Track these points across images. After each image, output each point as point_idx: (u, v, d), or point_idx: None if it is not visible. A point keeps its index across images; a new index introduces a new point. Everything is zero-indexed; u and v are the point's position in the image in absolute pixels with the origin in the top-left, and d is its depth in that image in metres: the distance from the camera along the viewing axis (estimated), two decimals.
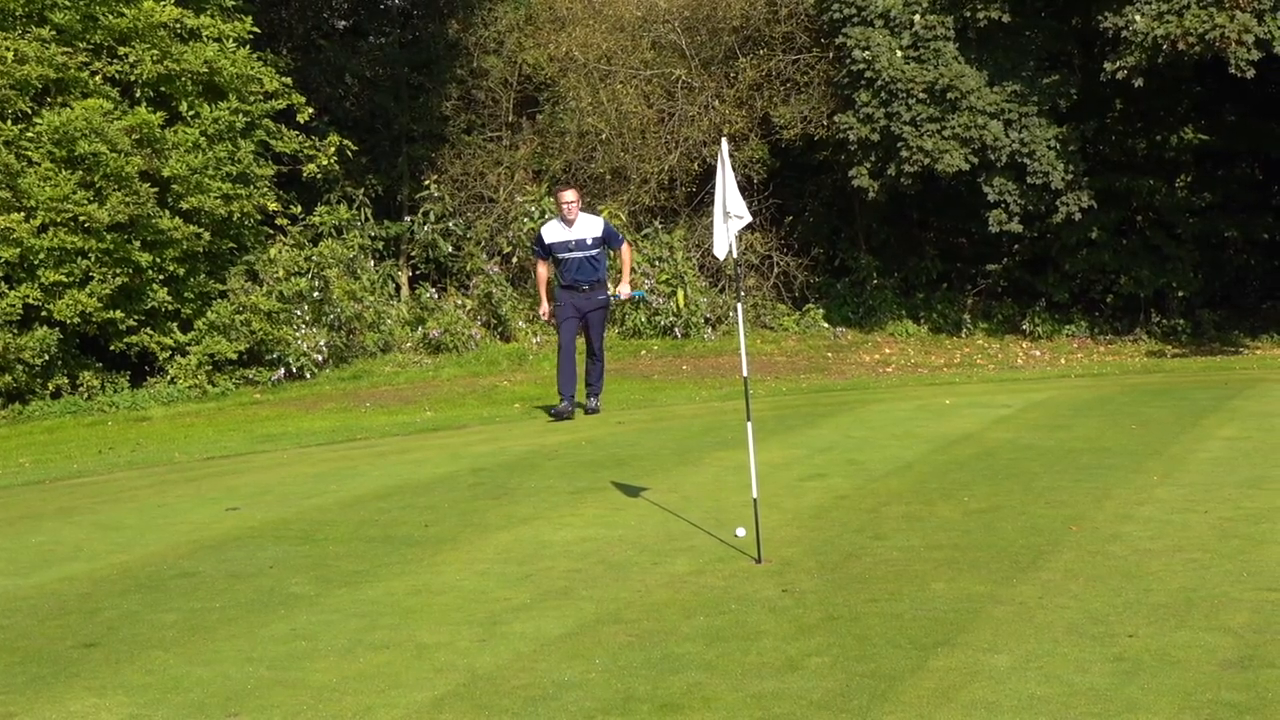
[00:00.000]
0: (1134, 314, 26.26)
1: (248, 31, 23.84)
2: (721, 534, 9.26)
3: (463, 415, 18.21)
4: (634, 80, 27.97)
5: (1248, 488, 10.09)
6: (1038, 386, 17.97)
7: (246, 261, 23.92)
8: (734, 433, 12.82)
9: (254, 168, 23.32)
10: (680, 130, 27.71)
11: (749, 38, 28.00)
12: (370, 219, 26.90)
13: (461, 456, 13.77)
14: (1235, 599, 7.15)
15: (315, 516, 10.81)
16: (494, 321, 26.26)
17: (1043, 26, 25.40)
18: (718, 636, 6.94)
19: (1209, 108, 27.12)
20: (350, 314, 24.44)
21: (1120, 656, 6.31)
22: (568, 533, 9.62)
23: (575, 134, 28.01)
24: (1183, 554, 8.13)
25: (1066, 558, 8.18)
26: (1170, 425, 13.53)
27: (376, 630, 7.37)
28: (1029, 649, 6.49)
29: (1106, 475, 10.85)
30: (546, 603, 7.76)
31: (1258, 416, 13.86)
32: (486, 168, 28.66)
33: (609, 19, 28.42)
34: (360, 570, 8.80)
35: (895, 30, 24.85)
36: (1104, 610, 7.06)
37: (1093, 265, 25.93)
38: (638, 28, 28.46)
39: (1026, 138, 24.13)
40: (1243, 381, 17.43)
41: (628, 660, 6.62)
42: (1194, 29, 21.79)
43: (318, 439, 16.33)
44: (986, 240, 26.53)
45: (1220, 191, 27.03)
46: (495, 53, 29.27)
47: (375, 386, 22.44)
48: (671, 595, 7.79)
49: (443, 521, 10.29)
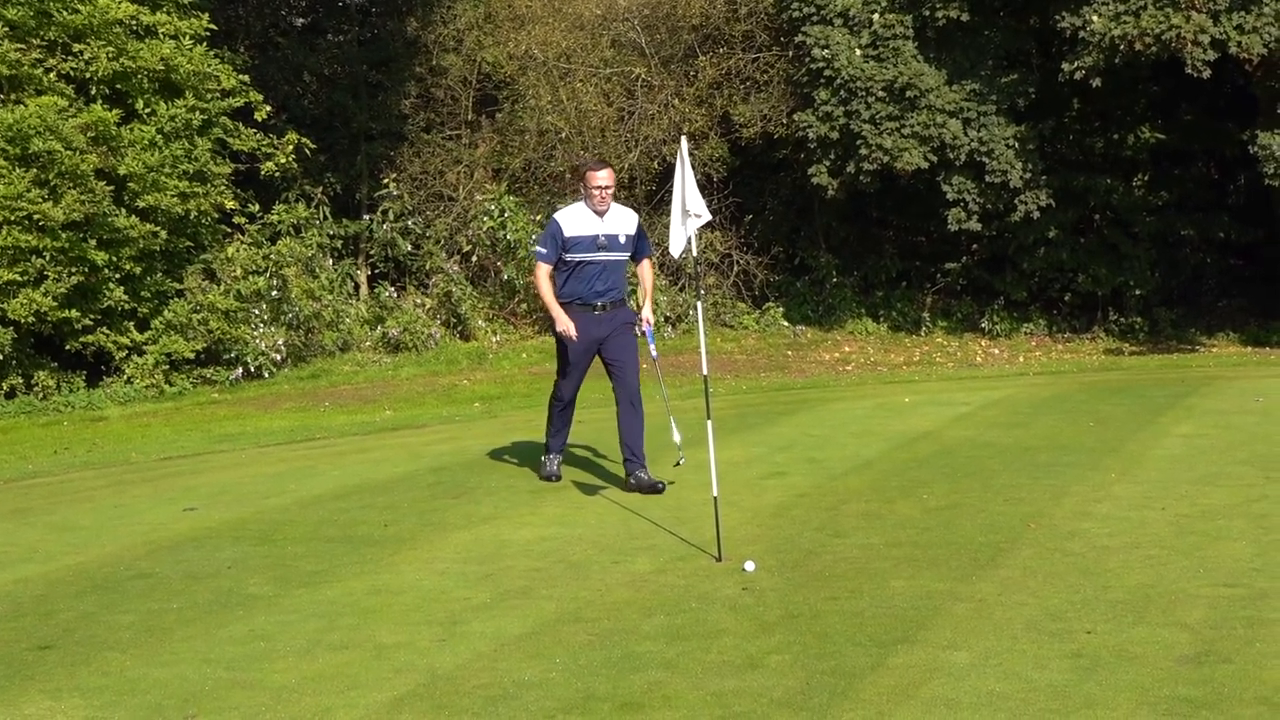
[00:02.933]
0: (1091, 312, 26.39)
1: (204, 28, 23.70)
2: (682, 532, 9.26)
3: (422, 414, 18.18)
4: (593, 78, 27.95)
5: (1204, 484, 10.15)
6: (996, 384, 18.04)
7: (204, 260, 23.81)
8: (694, 431, 12.80)
9: (211, 166, 23.20)
10: (640, 128, 27.70)
11: (709, 36, 28.01)
12: (329, 217, 26.78)
13: (421, 456, 13.74)
14: (1192, 595, 7.20)
15: (274, 516, 10.76)
16: (453, 320, 26.21)
17: (1001, 26, 25.49)
18: (678, 635, 6.94)
19: (1165, 107, 27.26)
20: (309, 313, 24.36)
21: (1078, 653, 6.34)
22: (528, 532, 9.61)
23: (535, 132, 27.97)
24: (1140, 550, 8.17)
25: (1025, 555, 8.21)
26: (1127, 423, 13.60)
27: (335, 631, 7.34)
28: (988, 646, 6.51)
29: (1064, 473, 10.90)
30: (506, 602, 7.75)
31: (1214, 414, 13.95)
32: (446, 166, 28.58)
33: (568, 17, 28.38)
34: (319, 570, 8.77)
35: (854, 29, 24.90)
36: (1062, 607, 7.09)
37: (1051, 264, 26.04)
38: (597, 26, 28.43)
39: (985, 136, 24.22)
40: (1199, 379, 17.54)
41: (588, 659, 6.62)
42: (1150, 30, 21.92)
43: (276, 438, 16.26)
44: (945, 239, 26.62)
45: (1177, 190, 27.19)
46: (454, 51, 29.18)
47: (334, 386, 22.37)
48: (632, 594, 7.79)
49: (402, 521, 10.27)
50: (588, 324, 10.98)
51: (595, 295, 11.04)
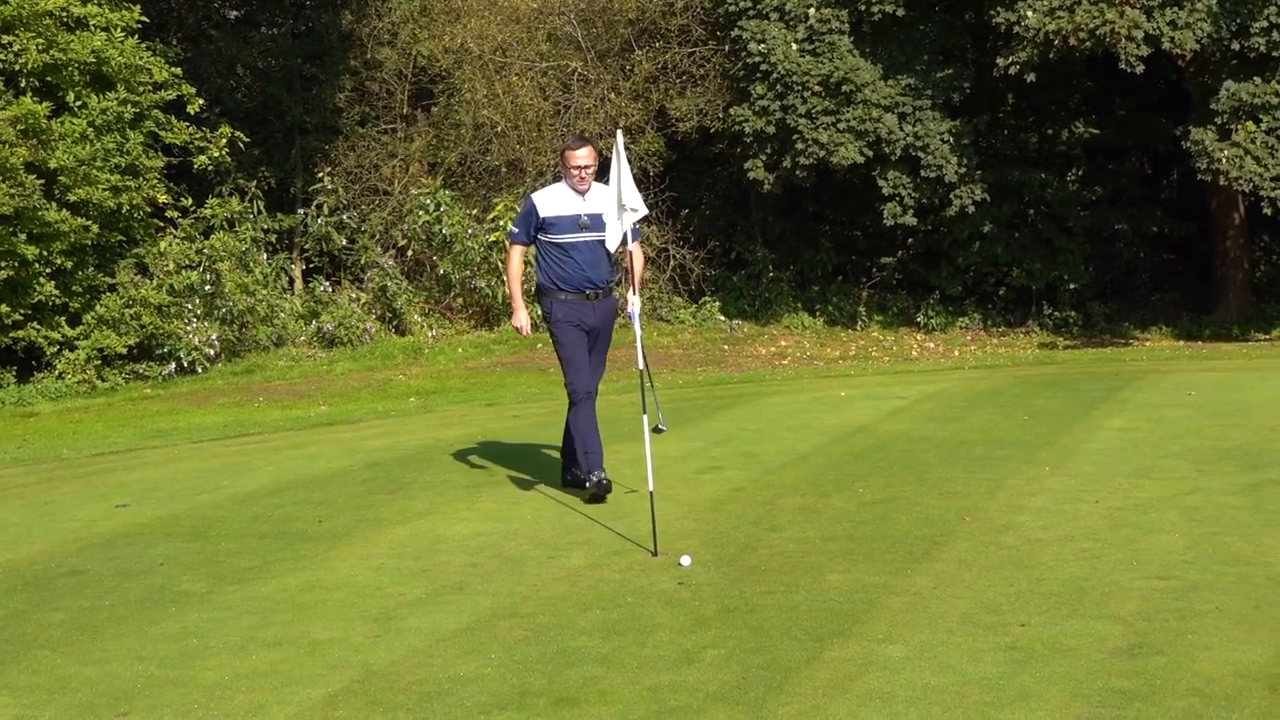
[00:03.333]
0: (1026, 306, 26.56)
1: (136, 21, 23.52)
2: (618, 527, 9.26)
3: (357, 409, 18.12)
4: (529, 72, 27.90)
5: (1137, 477, 10.22)
6: (932, 378, 18.12)
7: (136, 254, 23.63)
8: (630, 425, 12.81)
9: (143, 159, 23.01)
10: (576, 123, 27.66)
11: (645, 30, 28.01)
12: (263, 211, 26.64)
13: (356, 451, 13.69)
14: (1125, 587, 7.25)
15: (207, 513, 10.69)
16: (389, 315, 26.12)
17: (936, 21, 25.61)
18: (614, 630, 6.94)
19: (1099, 102, 27.48)
20: (243, 307, 24.22)
21: (1013, 645, 6.37)
22: (463, 527, 9.58)
23: (470, 126, 27.89)
24: (1074, 543, 8.22)
25: (960, 548, 8.25)
26: (1061, 416, 13.68)
27: (269, 627, 7.30)
28: (923, 639, 6.54)
29: (999, 466, 10.96)
30: (442, 598, 7.72)
31: (1147, 407, 14.05)
32: (381, 160, 28.47)
33: (504, 11, 28.32)
34: (253, 567, 8.71)
35: (790, 23, 24.96)
36: (997, 600, 7.12)
37: (985, 258, 26.19)
38: (533, 20, 28.38)
39: (920, 131, 24.33)
40: (1132, 373, 17.67)
41: (523, 655, 6.61)
42: (1084, 25, 22.08)
43: (209, 434, 16.17)
44: (881, 233, 26.74)
45: (1110, 185, 27.42)
46: (389, 44, 29.06)
47: (268, 381, 22.25)
48: (567, 589, 7.78)
49: (337, 517, 10.22)
50: (581, 311, 10.40)
51: (586, 282, 10.36)
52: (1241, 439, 11.71)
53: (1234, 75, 22.72)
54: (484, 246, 26.13)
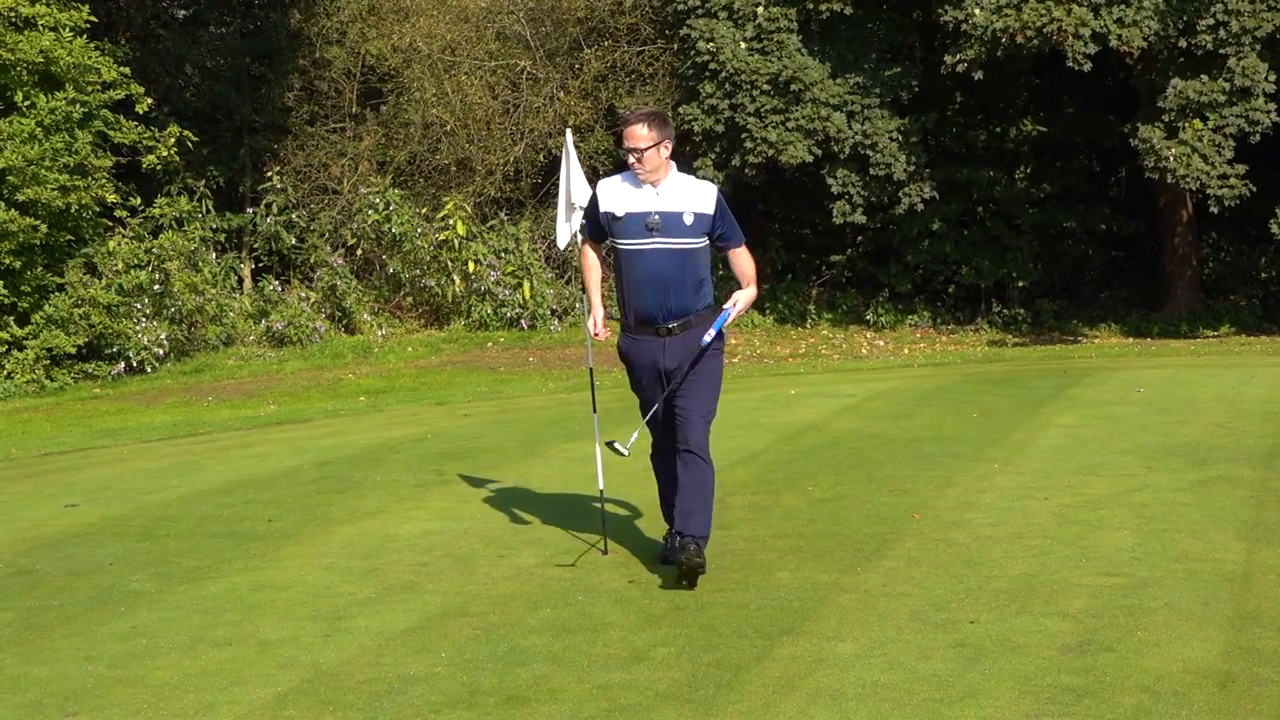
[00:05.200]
0: (975, 304, 26.69)
1: (84, 20, 23.41)
2: (568, 525, 9.24)
3: (307, 409, 18.04)
4: (479, 71, 27.87)
5: (1086, 475, 10.26)
6: (881, 376, 18.16)
7: (85, 254, 23.50)
8: (580, 424, 12.81)
9: (92, 159, 22.89)
10: (525, 121, 27.66)
11: (594, 29, 28.02)
12: (212, 211, 26.54)
13: (305, 450, 13.62)
14: (1074, 584, 7.27)
15: (156, 512, 10.61)
16: (338, 314, 26.05)
17: (884, 19, 25.71)
18: (564, 628, 6.92)
19: (1047, 100, 27.64)
20: (192, 307, 24.11)
21: (962, 642, 6.38)
22: (413, 526, 9.54)
23: (420, 125, 27.85)
24: (1023, 541, 8.24)
25: (909, 545, 8.26)
26: (1011, 413, 13.73)
27: (218, 627, 7.25)
28: (873, 636, 6.54)
29: (949, 463, 10.98)
30: (391, 597, 7.68)
31: (1095, 404, 14.11)
32: (330, 159, 28.40)
33: (453, 9, 28.29)
34: (202, 566, 8.65)
35: (739, 22, 24.99)
36: (946, 597, 7.13)
37: (934, 256, 26.31)
38: (482, 18, 28.36)
39: (869, 129, 24.40)
40: (1081, 370, 17.74)
41: (473, 653, 6.58)
42: (1032, 23, 22.19)
43: (159, 433, 16.07)
44: (830, 231, 26.81)
45: (1059, 183, 27.59)
46: (338, 43, 28.99)
47: (218, 380, 22.15)
48: (518, 588, 7.76)
49: (286, 516, 10.16)
50: (651, 349, 7.90)
51: (657, 310, 7.79)
52: (1190, 436, 11.77)
53: (1181, 73, 22.88)
54: (434, 245, 26.12)
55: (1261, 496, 9.22)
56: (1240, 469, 10.17)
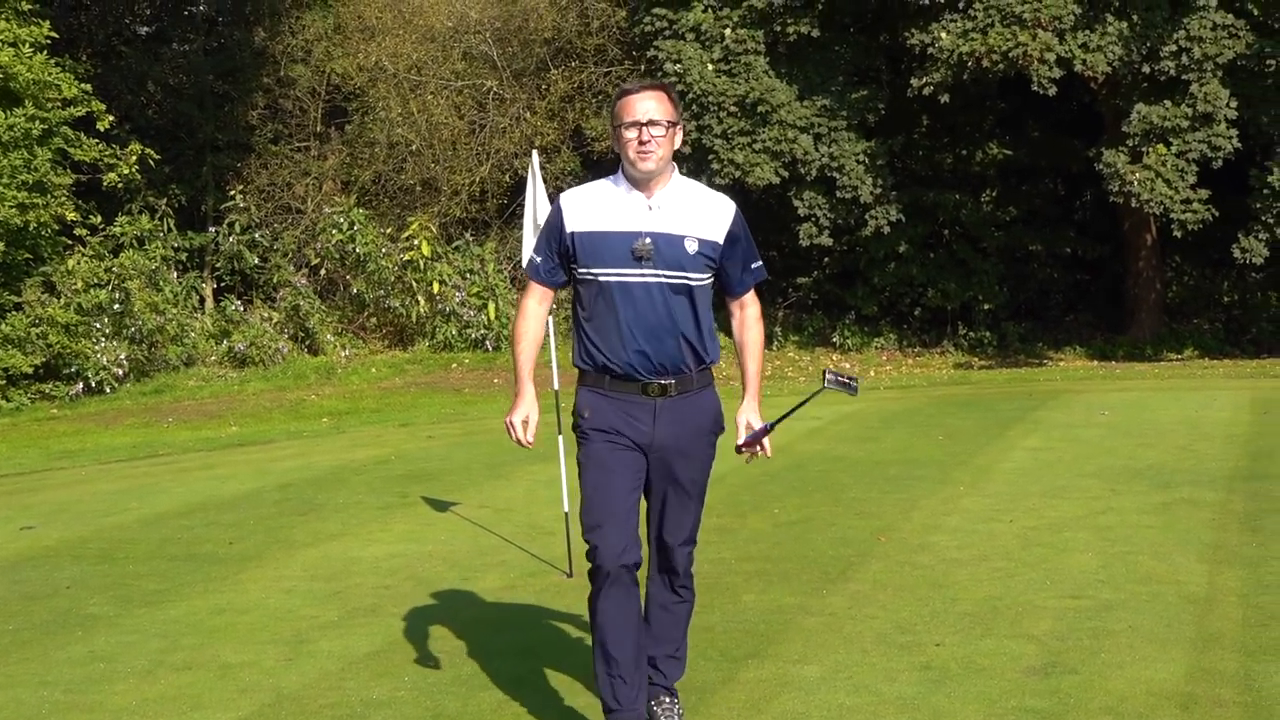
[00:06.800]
0: (941, 326, 26.78)
1: (45, 36, 23.31)
2: (532, 548, 9.23)
3: (269, 430, 17.98)
4: (445, 91, 27.88)
5: (1050, 497, 10.31)
6: (847, 399, 18.15)
7: (43, 273, 23.39)
8: (545, 447, 12.77)
9: (51, 176, 22.78)
10: (491, 142, 27.68)
11: (561, 50, 28.06)
12: (173, 229, 26.47)
13: (268, 472, 13.57)
14: (1039, 607, 7.30)
15: (115, 535, 10.56)
16: (301, 334, 25.98)
17: (851, 42, 25.81)
18: (528, 652, 6.91)
19: (1013, 124, 27.79)
20: (152, 327, 24.02)
21: (928, 665, 6.40)
22: (377, 549, 9.53)
23: (385, 145, 27.84)
24: (988, 563, 8.28)
25: (875, 568, 8.28)
26: (976, 436, 13.78)
27: (178, 651, 7.22)
28: (838, 659, 6.55)
29: (914, 486, 11.02)
30: (355, 620, 7.67)
31: (1060, 427, 14.18)
32: (294, 178, 28.36)
33: (419, 29, 28.30)
34: (162, 589, 8.61)
35: (706, 44, 25.07)
36: (912, 620, 7.15)
37: (901, 278, 26.39)
38: (449, 38, 28.37)
39: (836, 152, 24.49)
40: (1046, 393, 17.82)
41: (437, 678, 6.57)
42: (998, 47, 22.33)
43: (118, 455, 15.99)
44: (797, 253, 26.89)
45: (1024, 206, 27.73)
46: (303, 61, 28.97)
47: (178, 401, 22.05)
48: (482, 611, 7.75)
49: (248, 539, 10.13)
50: (631, 414, 5.59)
51: (643, 363, 5.56)
52: (1154, 458, 11.84)
53: (1145, 98, 23.05)
54: (398, 265, 26.08)
55: (1223, 519, 9.28)
56: (1203, 492, 10.23)
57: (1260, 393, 16.60)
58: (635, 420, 5.61)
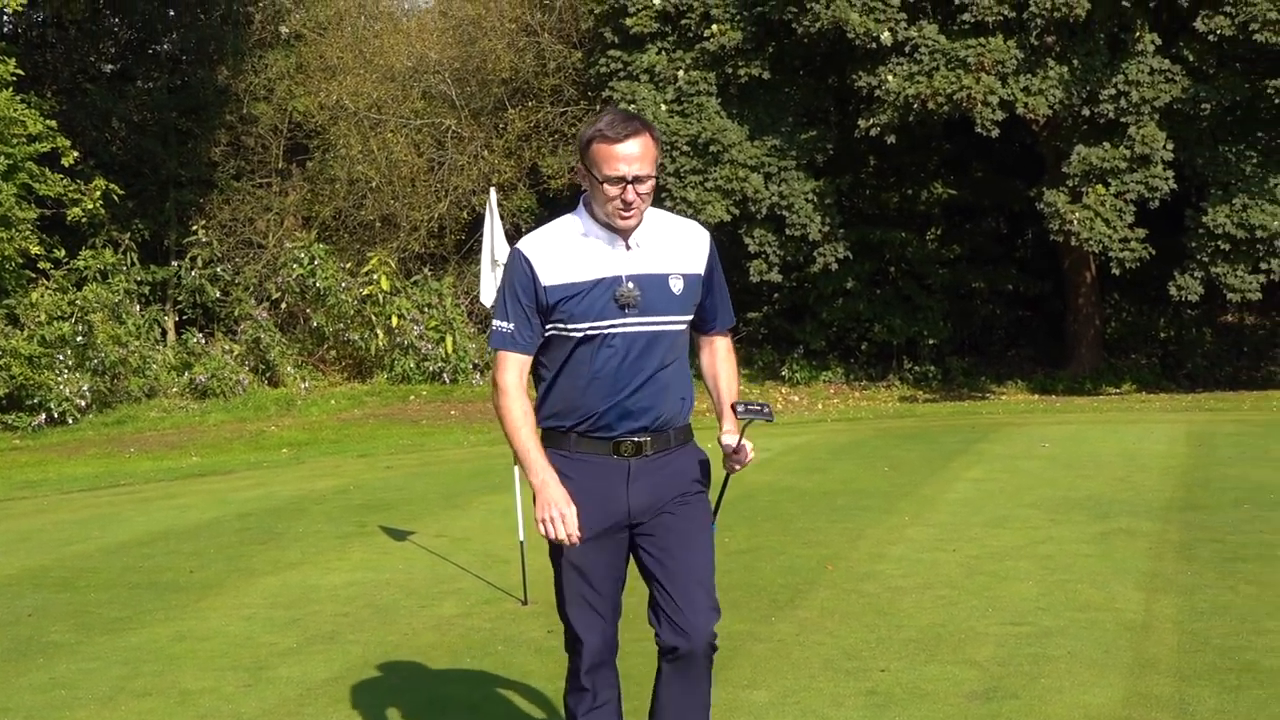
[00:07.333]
0: (887, 361, 26.88)
1: (11, 73, 23.22)
2: (489, 576, 9.22)
3: (230, 460, 17.90)
4: (404, 129, 27.89)
5: (993, 527, 10.35)
6: (796, 431, 18.23)
7: (7, 305, 23.25)
8: (501, 477, 12.77)
9: (16, 210, 22.65)
10: (450, 179, 27.70)
11: (518, 90, 28.13)
12: (136, 263, 26.35)
13: (228, 502, 13.51)
14: (981, 633, 7.33)
15: (76, 563, 10.49)
16: (262, 367, 25.89)
17: (801, 84, 25.95)
18: (484, 679, 6.90)
19: (957, 164, 27.96)
20: (115, 359, 23.89)
21: (873, 690, 6.43)
22: (335, 577, 9.49)
23: (345, 181, 27.83)
24: (932, 591, 8.31)
25: (822, 596, 8.30)
26: (921, 468, 13.82)
27: (139, 677, 7.18)
28: (786, 685, 6.57)
29: (861, 516, 11.05)
30: (313, 647, 7.64)
31: (1003, 459, 14.23)
32: (255, 214, 28.31)
33: (380, 69, 28.33)
34: (123, 617, 8.56)
35: (660, 85, 25.17)
36: (858, 646, 7.18)
37: (848, 314, 26.49)
38: (408, 78, 28.42)
39: (786, 190, 24.60)
40: (989, 425, 17.88)
41: (394, 704, 6.55)
42: (942, 89, 22.48)
43: (80, 485, 15.88)
44: (747, 289, 26.93)
45: (968, 244, 27.89)
46: (265, 100, 28.94)
47: (140, 432, 21.93)
48: (439, 638, 7.74)
49: (208, 567, 10.08)
50: (605, 477, 4.80)
51: (618, 416, 4.77)
52: (1092, 489, 11.90)
53: (1084, 140, 23.25)
54: (357, 300, 26.03)
55: (1159, 548, 9.34)
56: (1140, 522, 10.30)
57: (1195, 426, 16.71)
58: (606, 487, 4.77)
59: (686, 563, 4.90)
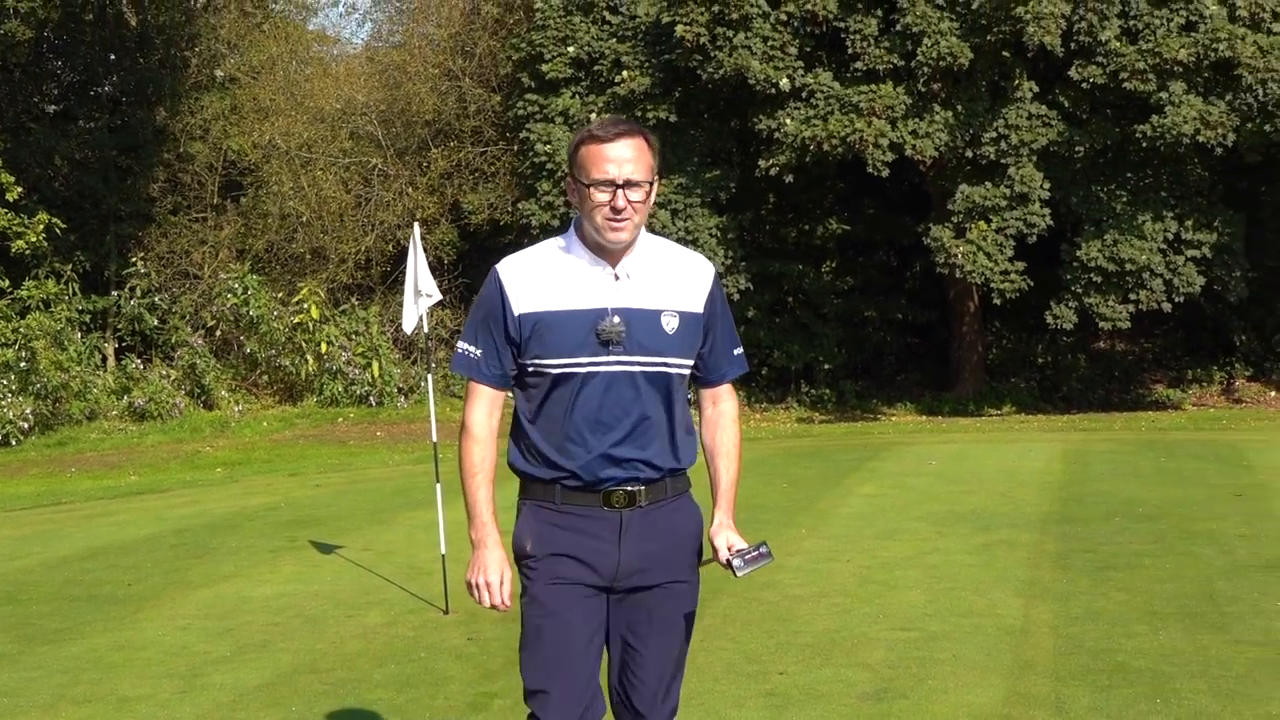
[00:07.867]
0: (785, 385, 26.98)
1: None
2: (412, 587, 9.17)
3: (166, 479, 17.70)
4: (333, 167, 27.77)
5: (884, 539, 10.42)
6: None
7: None
8: (424, 494, 12.71)
9: None
10: (376, 214, 27.58)
11: (441, 130, 28.08)
12: (78, 293, 26.03)
13: (165, 518, 13.36)
14: (872, 638, 7.37)
15: (18, 578, 10.34)
16: (198, 391, 25.62)
17: (705, 127, 26.04)
18: (408, 683, 6.87)
19: (851, 202, 28.15)
20: (57, 383, 23.57)
21: (772, 692, 6.44)
22: (267, 589, 9.41)
23: (277, 216, 27.64)
24: (827, 599, 8.35)
25: (725, 604, 8.31)
26: (817, 484, 13.89)
27: (78, 685, 7.08)
28: (690, 689, 6.56)
29: (761, 529, 11.06)
30: (246, 655, 7.57)
31: (893, 475, 14.33)
32: (192, 246, 28.06)
33: (310, 110, 28.19)
34: (63, 628, 8.45)
35: (574, 127, 25.18)
36: (758, 651, 7.20)
37: (749, 341, 26.54)
38: (337, 119, 28.29)
39: (691, 226, 24.66)
40: (880, 444, 18.01)
41: (323, 707, 6.50)
42: (837, 132, 22.65)
43: (22, 503, 15.66)
44: None
45: (861, 276, 28.08)
46: (201, 139, 28.70)
47: (81, 453, 21.65)
48: (364, 645, 7.69)
49: (145, 580, 9.96)
50: (593, 535, 4.09)
51: (601, 466, 4.05)
52: (975, 504, 12.01)
53: (968, 180, 23.49)
54: (289, 327, 25.85)
55: (1037, 558, 9.43)
56: (1019, 533, 10.40)
57: (1070, 445, 16.89)
58: (594, 542, 4.04)
59: (653, 659, 4.25)
